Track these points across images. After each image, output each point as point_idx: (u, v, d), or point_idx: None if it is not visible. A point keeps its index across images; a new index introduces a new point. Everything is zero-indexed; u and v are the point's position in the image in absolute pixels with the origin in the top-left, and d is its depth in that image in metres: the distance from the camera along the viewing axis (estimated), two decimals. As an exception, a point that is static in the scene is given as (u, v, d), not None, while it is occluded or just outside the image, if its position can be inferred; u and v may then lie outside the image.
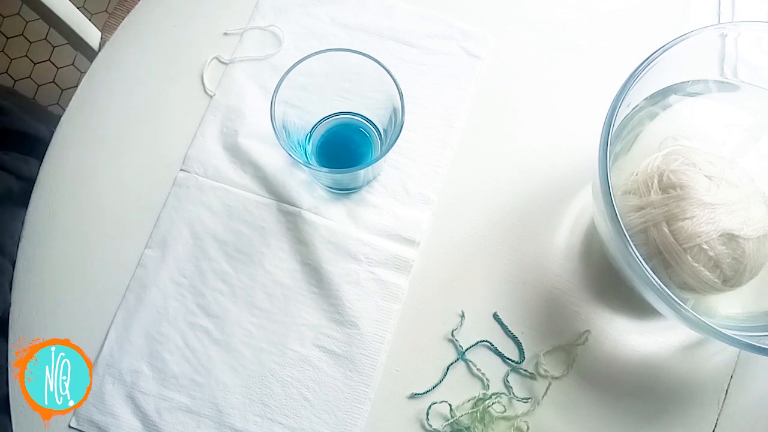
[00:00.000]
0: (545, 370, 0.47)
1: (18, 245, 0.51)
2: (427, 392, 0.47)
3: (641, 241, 0.43)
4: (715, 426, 0.47)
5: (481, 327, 0.49)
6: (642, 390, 0.48)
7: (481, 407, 0.46)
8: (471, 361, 0.48)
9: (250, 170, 0.52)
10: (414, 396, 0.47)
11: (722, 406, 0.47)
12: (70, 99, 0.55)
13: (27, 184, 0.52)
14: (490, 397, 0.46)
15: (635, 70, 0.41)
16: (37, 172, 0.53)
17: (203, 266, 0.50)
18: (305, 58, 0.43)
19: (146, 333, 0.48)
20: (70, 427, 0.47)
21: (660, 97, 0.47)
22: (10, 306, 0.49)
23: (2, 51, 1.24)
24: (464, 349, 0.48)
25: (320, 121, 0.50)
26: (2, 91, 0.73)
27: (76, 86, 0.57)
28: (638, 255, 0.38)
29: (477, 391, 0.47)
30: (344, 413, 0.47)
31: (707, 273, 0.41)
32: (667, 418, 0.47)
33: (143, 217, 0.51)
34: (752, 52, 0.49)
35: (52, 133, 0.54)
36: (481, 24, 0.56)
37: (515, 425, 0.46)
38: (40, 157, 0.53)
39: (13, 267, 0.50)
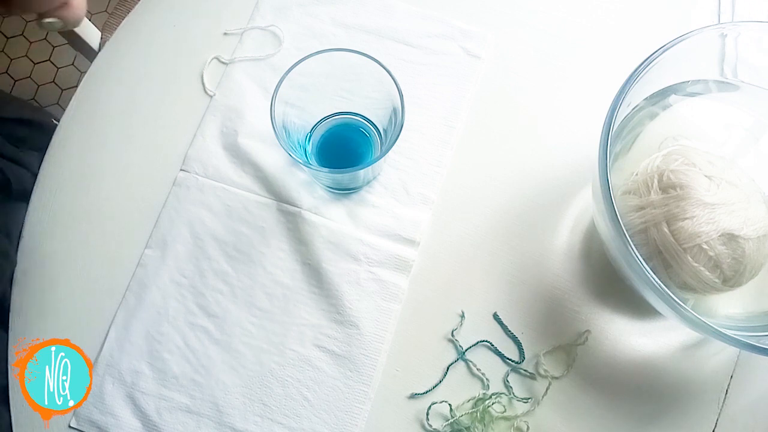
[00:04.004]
0: (545, 370, 0.47)
1: (18, 245, 0.51)
2: (427, 392, 0.47)
3: (641, 241, 0.43)
4: (715, 426, 0.47)
5: (481, 327, 0.49)
6: (642, 390, 0.48)
7: (481, 407, 0.46)
8: (471, 361, 0.48)
9: (250, 170, 0.52)
10: (414, 396, 0.47)
11: (722, 406, 0.47)
12: (70, 99, 0.55)
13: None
14: (490, 397, 0.46)
15: (635, 70, 0.41)
16: (38, 172, 0.53)
17: (203, 266, 0.50)
18: (305, 58, 0.43)
19: (146, 333, 0.48)
20: (70, 427, 0.47)
21: (660, 97, 0.47)
22: (9, 297, 0.49)
23: (2, 51, 1.25)
24: (464, 349, 0.48)
25: (320, 121, 0.50)
26: (23, 120, 0.69)
27: (76, 86, 0.57)
28: (638, 255, 0.38)
29: (477, 391, 0.47)
30: (344, 413, 0.47)
31: (707, 273, 0.41)
32: (667, 418, 0.47)
33: (143, 217, 0.51)
34: (752, 52, 0.49)
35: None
36: (481, 24, 0.56)
37: (515, 425, 0.46)
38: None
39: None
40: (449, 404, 0.47)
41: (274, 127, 0.43)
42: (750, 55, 0.49)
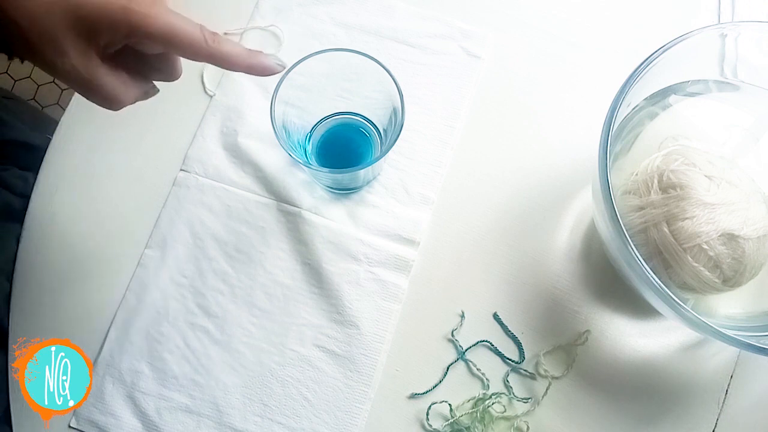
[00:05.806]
0: (545, 370, 0.47)
1: (17, 246, 0.51)
2: (427, 392, 0.47)
3: (641, 241, 0.43)
4: (715, 426, 0.47)
5: (481, 327, 0.49)
6: (642, 390, 0.48)
7: (481, 407, 0.46)
8: (471, 361, 0.48)
9: (250, 170, 0.52)
10: (414, 396, 0.47)
11: (722, 406, 0.47)
12: (70, 99, 0.55)
13: (27, 201, 0.52)
14: (490, 397, 0.46)
15: (635, 70, 0.41)
16: (37, 172, 0.53)
17: (203, 266, 0.50)
18: (305, 58, 0.43)
19: (146, 333, 0.48)
20: (70, 427, 0.47)
21: (660, 97, 0.47)
22: (8, 322, 0.49)
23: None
24: (464, 349, 0.48)
25: (320, 121, 0.50)
26: (1, 96, 0.71)
27: (76, 86, 0.57)
28: (638, 255, 0.38)
29: (477, 391, 0.47)
30: (344, 413, 0.47)
31: (707, 273, 0.41)
32: (667, 418, 0.47)
33: (143, 217, 0.51)
34: (752, 52, 0.49)
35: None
36: (481, 24, 0.56)
37: (515, 425, 0.46)
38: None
39: (10, 284, 0.50)
40: (449, 404, 0.47)
41: (274, 127, 0.43)
42: (750, 55, 0.49)
